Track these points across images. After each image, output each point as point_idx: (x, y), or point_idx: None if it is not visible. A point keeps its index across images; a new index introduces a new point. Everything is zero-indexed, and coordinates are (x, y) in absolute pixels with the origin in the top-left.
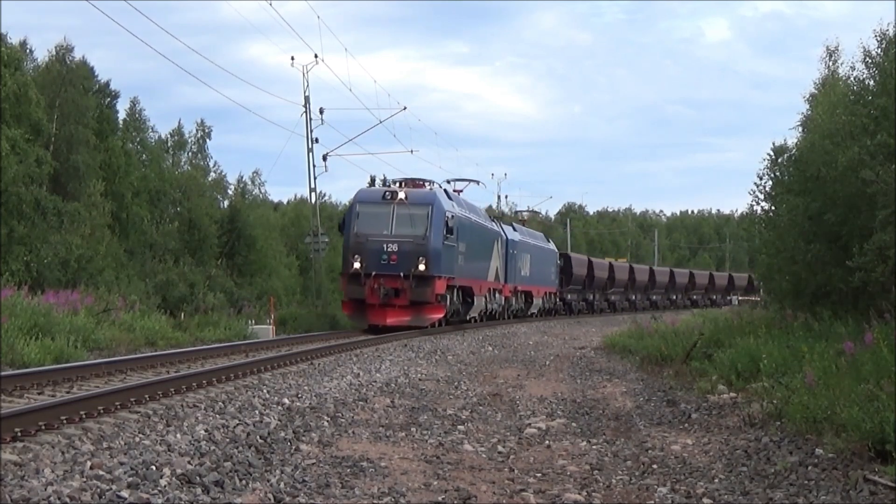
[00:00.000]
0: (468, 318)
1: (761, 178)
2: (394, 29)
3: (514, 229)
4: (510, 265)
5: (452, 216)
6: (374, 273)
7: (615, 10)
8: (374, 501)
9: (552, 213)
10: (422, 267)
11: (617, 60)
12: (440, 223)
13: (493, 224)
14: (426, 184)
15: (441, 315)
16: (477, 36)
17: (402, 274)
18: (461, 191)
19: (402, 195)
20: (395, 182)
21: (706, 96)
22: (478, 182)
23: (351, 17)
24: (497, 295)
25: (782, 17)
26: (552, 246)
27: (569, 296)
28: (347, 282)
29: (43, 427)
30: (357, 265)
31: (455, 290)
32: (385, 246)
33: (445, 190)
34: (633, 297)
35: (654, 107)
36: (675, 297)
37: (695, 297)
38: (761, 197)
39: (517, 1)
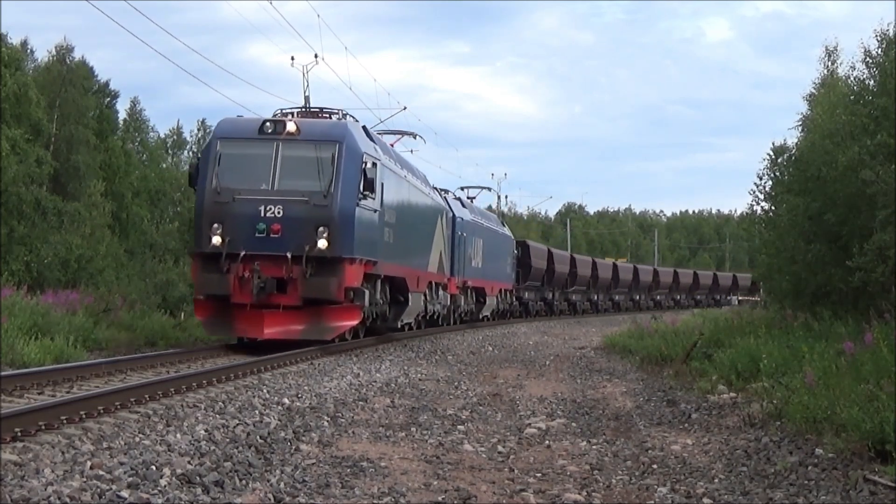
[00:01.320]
0: (399, 324)
1: (761, 178)
2: (395, 29)
3: (463, 205)
4: (458, 252)
5: (374, 164)
6: (243, 253)
7: (616, 10)
8: (374, 501)
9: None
10: (322, 243)
11: (618, 60)
12: (354, 173)
13: (436, 194)
14: (332, 115)
15: (355, 322)
16: (478, 36)
17: (289, 255)
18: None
19: (290, 127)
20: (283, 112)
21: (707, 96)
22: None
23: (352, 17)
24: (440, 292)
25: (783, 18)
26: (508, 231)
27: (526, 294)
28: (200, 267)
29: (43, 427)
30: (216, 240)
31: (379, 283)
32: (262, 209)
33: (364, 127)
34: (596, 297)
35: (654, 107)
36: (638, 298)
37: (659, 297)
38: (761, 197)
39: (518, 1)
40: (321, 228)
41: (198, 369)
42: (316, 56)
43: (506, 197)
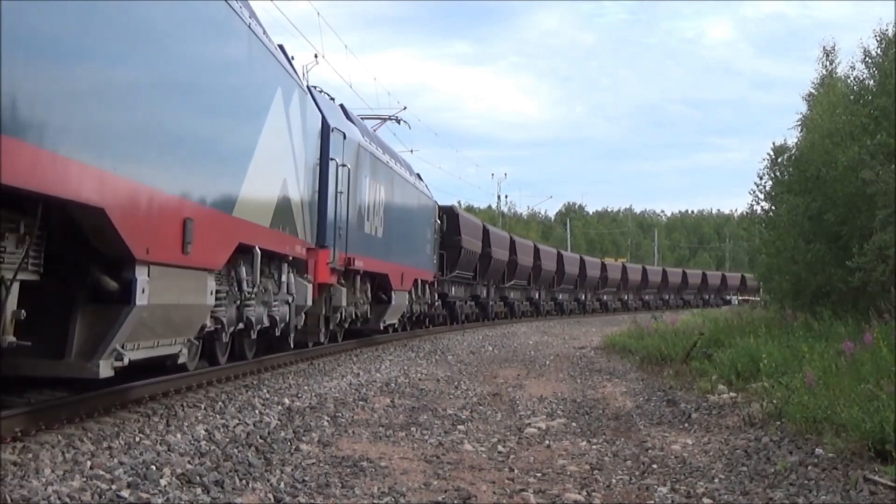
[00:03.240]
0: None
1: (761, 178)
2: (397, 29)
3: (349, 118)
4: (340, 203)
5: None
6: None
7: (618, 10)
8: (374, 501)
9: (552, 213)
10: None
11: (619, 60)
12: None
13: (425, 188)
14: None
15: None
16: (480, 36)
17: None
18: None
19: None
20: None
21: (708, 96)
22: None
23: (353, 17)
24: (295, 282)
25: (785, 18)
26: (426, 189)
27: (453, 290)
28: None
29: (43, 427)
30: None
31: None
32: None
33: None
34: (537, 296)
35: (655, 106)
36: (583, 297)
37: (605, 296)
38: (761, 197)
39: (520, 1)
40: None
41: (198, 369)
42: (316, 56)
43: (506, 197)
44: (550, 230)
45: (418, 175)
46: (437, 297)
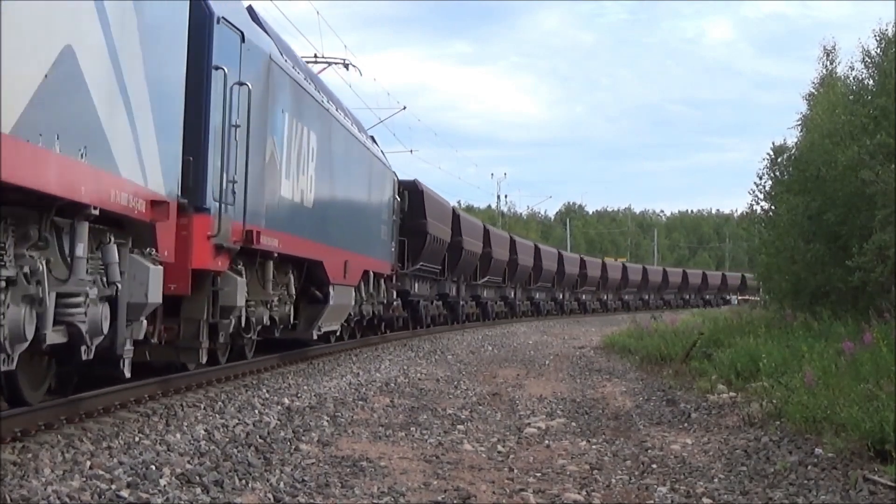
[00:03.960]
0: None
1: (761, 178)
2: (397, 29)
3: (268, 33)
4: (233, 141)
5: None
6: None
7: (618, 9)
8: (374, 501)
9: (552, 213)
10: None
11: (620, 60)
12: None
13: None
14: None
15: None
16: (480, 36)
17: None
18: None
19: None
20: None
21: (708, 96)
22: None
23: (353, 17)
24: (130, 264)
25: (785, 18)
26: (386, 162)
27: (416, 287)
28: None
29: (43, 427)
30: None
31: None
32: None
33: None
34: (512, 295)
35: (655, 106)
36: (560, 297)
37: (585, 295)
38: (761, 196)
39: (520, 1)
40: None
41: (198, 369)
42: (315, 56)
43: (506, 197)
44: (550, 230)
45: (373, 138)
46: (395, 296)
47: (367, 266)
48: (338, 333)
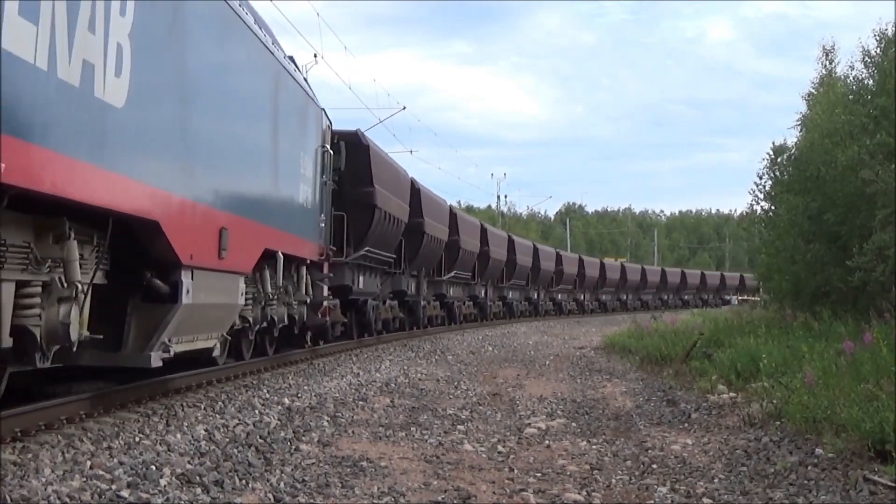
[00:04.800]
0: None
1: (761, 178)
2: (397, 29)
3: None
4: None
5: None
6: None
7: (618, 10)
8: (374, 501)
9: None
10: None
11: (620, 60)
12: None
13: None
14: None
15: None
16: (480, 36)
17: None
18: None
19: None
20: None
21: (709, 96)
22: None
23: (354, 17)
24: None
25: (786, 18)
26: (311, 93)
27: (361, 281)
28: None
29: (43, 427)
30: None
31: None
32: None
33: None
34: (483, 294)
35: (656, 106)
36: (535, 296)
37: (561, 294)
38: (761, 196)
39: (521, 1)
40: None
41: (198, 369)
42: (315, 55)
43: (505, 197)
44: (550, 230)
45: (292, 59)
46: (328, 293)
47: (272, 243)
48: (216, 353)
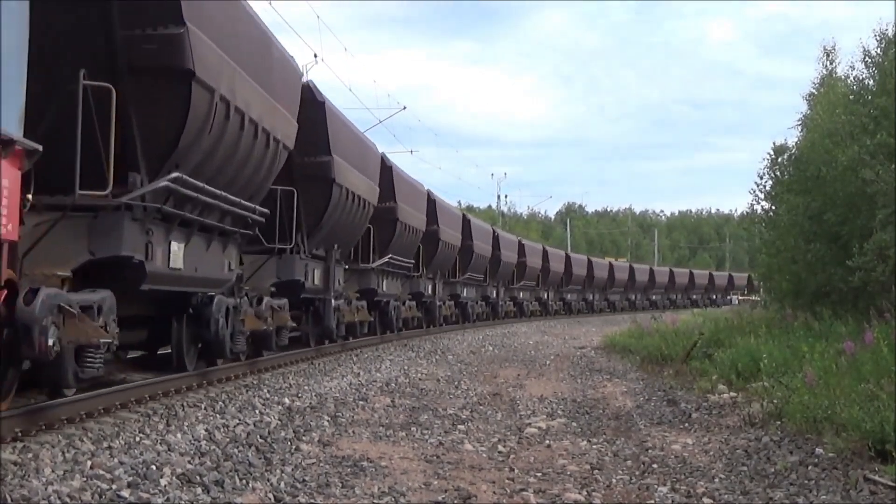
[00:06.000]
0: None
1: (762, 178)
2: (398, 29)
3: None
4: None
5: None
6: None
7: (621, 10)
8: (374, 501)
9: (552, 213)
10: None
11: (622, 61)
12: None
13: None
14: None
15: None
16: (482, 36)
17: None
18: None
19: None
20: None
21: (710, 96)
22: None
23: (354, 17)
24: None
25: (788, 18)
26: None
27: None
28: None
29: (43, 427)
30: None
31: None
32: None
33: None
34: (495, 295)
35: (657, 107)
36: (493, 292)
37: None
38: (761, 196)
39: (524, 1)
40: None
41: (198, 369)
42: (315, 56)
43: (506, 197)
44: (550, 230)
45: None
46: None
47: None
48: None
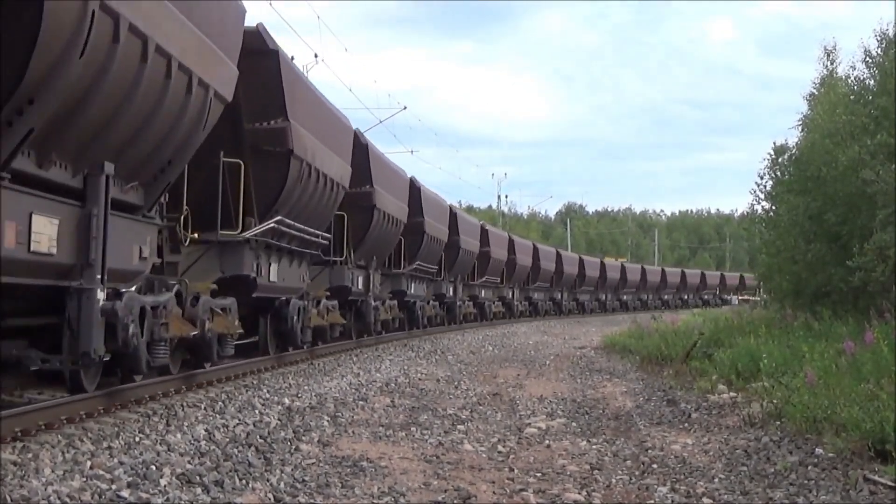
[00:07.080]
0: None
1: (762, 178)
2: (398, 29)
3: None
4: None
5: None
6: None
7: (621, 10)
8: (374, 501)
9: (552, 213)
10: None
11: (622, 61)
12: None
13: None
14: None
15: None
16: (482, 36)
17: None
18: None
19: None
20: None
21: (711, 97)
22: None
23: (354, 17)
24: None
25: (788, 18)
26: None
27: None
28: None
29: (43, 427)
30: None
31: None
32: None
33: None
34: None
35: (658, 107)
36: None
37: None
38: (762, 196)
39: (524, 1)
40: None
41: (198, 369)
42: (316, 56)
43: (506, 197)
44: (551, 230)
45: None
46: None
47: None
48: None
